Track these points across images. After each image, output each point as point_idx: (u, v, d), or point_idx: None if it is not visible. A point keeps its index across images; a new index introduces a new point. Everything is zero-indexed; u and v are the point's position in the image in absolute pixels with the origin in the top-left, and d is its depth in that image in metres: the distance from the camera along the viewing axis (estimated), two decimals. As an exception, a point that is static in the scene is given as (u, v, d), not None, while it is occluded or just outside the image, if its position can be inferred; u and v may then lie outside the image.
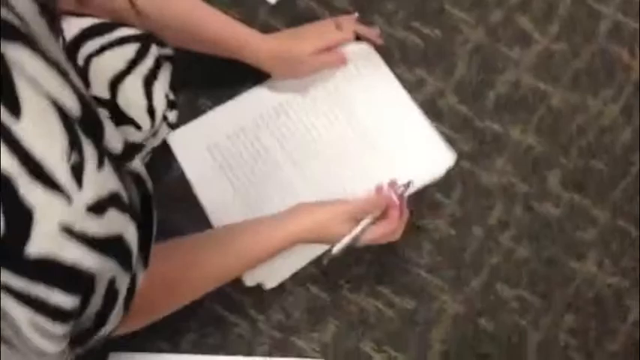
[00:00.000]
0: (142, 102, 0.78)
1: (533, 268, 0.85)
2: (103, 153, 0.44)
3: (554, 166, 0.89)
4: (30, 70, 0.40)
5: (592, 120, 0.91)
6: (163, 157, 0.86)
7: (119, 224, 0.45)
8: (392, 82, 0.89)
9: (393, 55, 0.92)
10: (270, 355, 0.80)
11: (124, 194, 0.46)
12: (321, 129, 0.87)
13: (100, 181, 0.43)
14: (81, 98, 0.43)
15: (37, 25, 0.44)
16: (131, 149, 0.51)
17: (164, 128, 0.84)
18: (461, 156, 0.86)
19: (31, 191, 0.39)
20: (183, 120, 0.85)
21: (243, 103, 0.88)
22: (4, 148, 0.38)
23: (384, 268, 0.84)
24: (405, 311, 0.82)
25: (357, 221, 0.72)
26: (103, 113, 0.47)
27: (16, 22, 0.41)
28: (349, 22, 0.88)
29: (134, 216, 0.48)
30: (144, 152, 0.82)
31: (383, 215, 0.74)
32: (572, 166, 0.89)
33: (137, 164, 0.50)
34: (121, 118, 0.78)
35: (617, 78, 0.93)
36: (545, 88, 0.92)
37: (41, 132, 0.39)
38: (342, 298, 0.82)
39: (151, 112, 0.79)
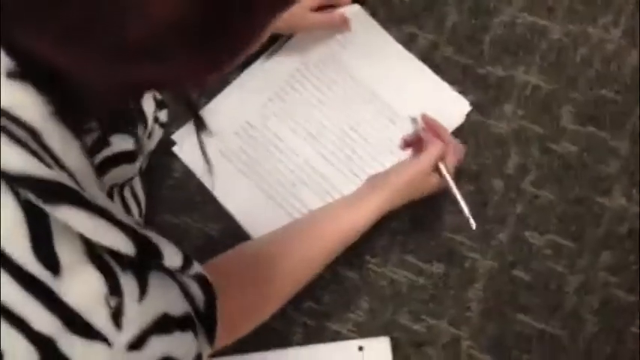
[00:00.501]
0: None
1: (560, 210, 0.82)
2: (146, 282, 0.44)
3: (564, 102, 0.86)
4: (76, 226, 0.39)
5: (595, 49, 0.88)
6: (161, 159, 0.82)
7: (166, 346, 0.46)
8: (390, 42, 0.86)
9: (378, 14, 0.88)
10: (305, 343, 0.77)
11: (174, 308, 0.47)
12: (329, 102, 0.84)
13: (143, 312, 0.44)
14: (132, 235, 0.43)
15: (84, 173, 0.43)
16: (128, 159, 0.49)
17: (157, 130, 0.80)
18: (468, 108, 0.83)
19: (70, 345, 0.40)
20: (179, 119, 0.82)
21: (239, 93, 0.85)
22: (44, 308, 0.39)
23: (407, 236, 0.81)
24: (436, 276, 0.80)
25: (436, 167, 0.73)
26: (155, 236, 0.47)
27: (65, 180, 0.40)
28: None
29: (198, 317, 0.50)
30: (142, 158, 0.79)
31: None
32: (583, 99, 0.86)
33: (197, 267, 0.51)
34: (113, 127, 0.74)
35: (615, 1, 0.89)
36: (543, 23, 0.88)
37: (81, 288, 0.40)
38: (370, 273, 0.79)
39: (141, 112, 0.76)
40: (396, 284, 0.79)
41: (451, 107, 0.84)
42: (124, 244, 0.42)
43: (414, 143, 0.77)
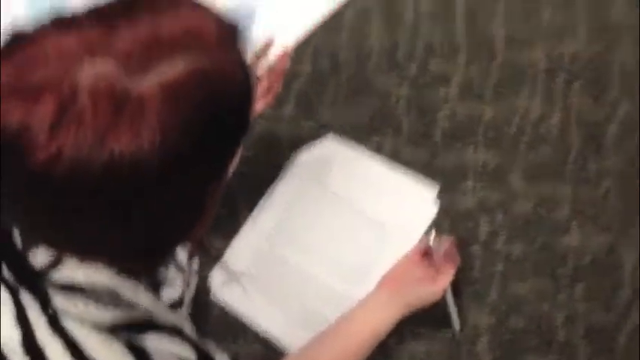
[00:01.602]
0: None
1: (533, 259, 0.98)
2: None
3: (511, 169, 1.03)
4: (162, 350, 0.57)
5: (524, 119, 1.06)
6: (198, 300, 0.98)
7: None
8: (363, 155, 1.04)
9: (347, 133, 1.06)
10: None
11: None
12: (324, 221, 1.00)
13: None
14: (195, 347, 0.61)
15: (154, 305, 0.60)
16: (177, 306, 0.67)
17: (193, 277, 0.96)
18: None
19: None
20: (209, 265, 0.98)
21: (248, 235, 1.01)
22: None
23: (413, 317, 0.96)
24: (447, 340, 0.95)
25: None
26: (212, 347, 0.66)
27: (142, 314, 0.58)
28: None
29: None
30: (186, 305, 0.94)
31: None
32: (525, 161, 1.04)
33: None
34: (155, 283, 0.90)
35: (528, 75, 1.08)
36: (477, 107, 1.07)
37: None
38: (390, 350, 0.95)
39: (177, 267, 0.92)
40: (415, 356, 0.94)
41: (422, 196, 1.01)
42: (189, 354, 0.59)
43: (426, 254, 0.91)
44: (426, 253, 0.91)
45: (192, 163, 0.51)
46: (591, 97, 1.06)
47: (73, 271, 0.56)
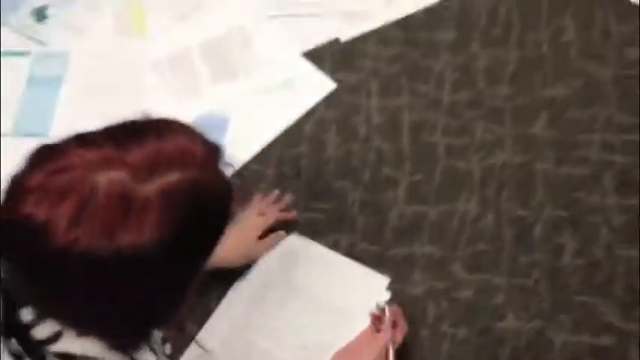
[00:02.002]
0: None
1: (474, 342, 1.10)
2: None
3: (453, 261, 1.17)
4: None
5: (463, 219, 1.21)
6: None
7: None
8: (323, 251, 1.17)
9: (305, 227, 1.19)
10: None
11: None
12: (286, 314, 1.11)
13: None
14: None
15: None
16: None
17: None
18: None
19: None
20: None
21: (218, 321, 1.11)
22: None
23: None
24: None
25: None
26: None
27: None
28: (270, 207, 1.17)
29: None
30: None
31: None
32: (466, 255, 1.18)
33: None
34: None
35: (466, 180, 1.24)
36: (423, 209, 1.22)
37: None
38: None
39: (153, 349, 1.00)
40: None
41: (375, 285, 1.13)
42: None
43: (375, 322, 1.03)
44: (376, 320, 1.02)
45: (183, 254, 0.64)
46: (519, 201, 1.22)
47: (70, 343, 0.66)
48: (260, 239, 1.15)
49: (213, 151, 0.67)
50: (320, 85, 1.33)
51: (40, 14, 1.47)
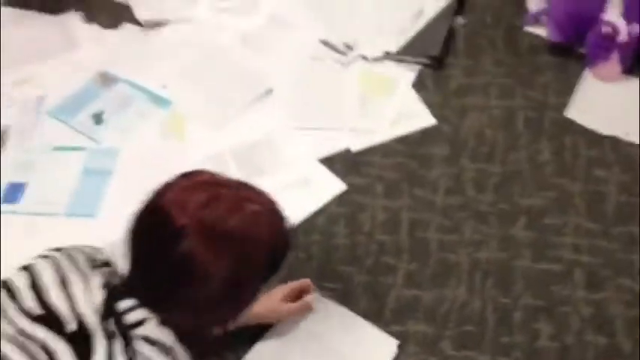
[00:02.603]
0: None
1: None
2: None
3: (443, 339, 1.34)
4: None
5: (453, 302, 1.40)
6: None
7: None
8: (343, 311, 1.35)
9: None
10: None
11: None
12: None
13: None
14: None
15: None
16: None
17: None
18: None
19: None
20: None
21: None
22: None
23: None
24: None
25: None
26: None
27: None
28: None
29: None
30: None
31: None
32: (455, 333, 1.35)
33: None
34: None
35: (454, 272, 1.44)
36: (417, 293, 1.41)
37: None
38: None
39: None
40: None
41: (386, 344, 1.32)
42: None
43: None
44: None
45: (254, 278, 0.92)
46: (501, 290, 1.41)
47: (151, 329, 0.86)
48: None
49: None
50: (332, 185, 1.56)
51: (98, 118, 1.73)
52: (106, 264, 0.96)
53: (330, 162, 1.61)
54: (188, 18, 1.93)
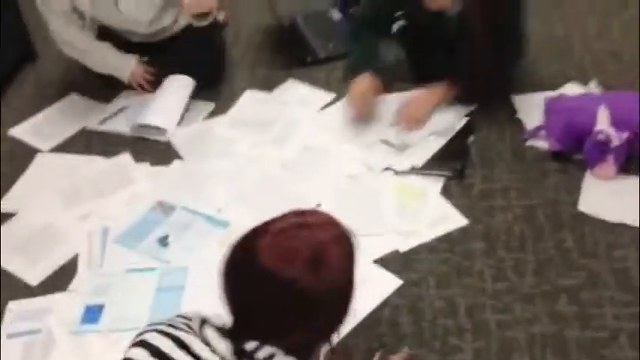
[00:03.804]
0: None
1: None
2: None
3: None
4: None
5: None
6: None
7: None
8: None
9: None
10: None
11: None
12: None
13: None
14: None
15: None
16: None
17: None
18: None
19: None
20: None
21: None
22: None
23: None
24: None
25: None
26: None
27: None
28: None
29: None
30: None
31: None
32: None
33: None
34: None
35: (514, 348, 1.59)
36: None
37: None
38: None
39: None
40: None
41: None
42: None
43: None
44: None
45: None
46: (560, 358, 1.57)
47: (265, 353, 1.00)
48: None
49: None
50: (390, 282, 1.73)
51: (163, 241, 1.89)
52: (203, 321, 1.07)
53: (383, 262, 1.79)
54: (231, 152, 2.16)
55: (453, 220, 1.90)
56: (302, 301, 1.01)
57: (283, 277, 0.99)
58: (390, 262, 1.79)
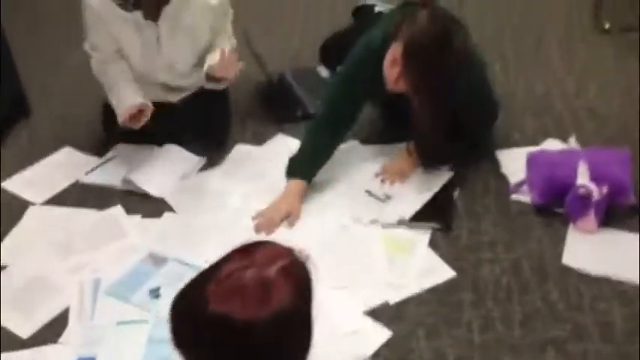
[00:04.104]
0: None
1: None
2: None
3: None
4: None
5: None
6: None
7: None
8: None
9: None
10: None
11: None
12: None
13: None
14: None
15: None
16: None
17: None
18: None
19: None
20: None
21: None
22: None
23: None
24: None
25: None
26: None
27: None
28: None
29: None
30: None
31: None
32: None
33: None
34: None
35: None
36: None
37: None
38: None
39: None
40: None
41: None
42: None
43: None
44: None
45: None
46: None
47: None
48: None
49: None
50: (380, 334, 1.76)
51: (155, 293, 1.91)
52: None
53: (373, 313, 1.82)
54: (222, 205, 2.19)
55: (441, 272, 1.94)
56: (258, 340, 1.01)
57: (237, 320, 1.00)
58: (380, 313, 1.82)
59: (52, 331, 1.83)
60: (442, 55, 1.93)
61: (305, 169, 2.19)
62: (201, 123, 2.39)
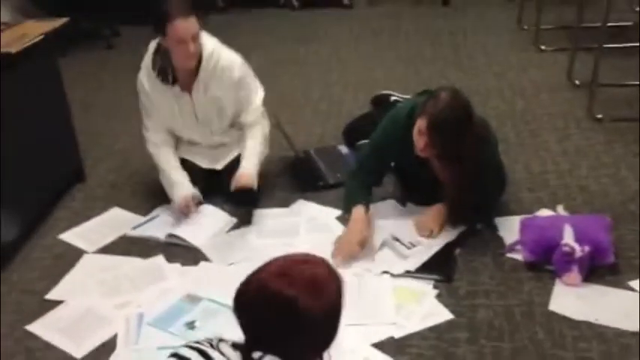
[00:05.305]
0: None
1: None
2: None
3: None
4: None
5: None
6: None
7: None
8: None
9: None
10: None
11: None
12: None
13: None
14: None
15: None
16: None
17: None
18: None
19: None
20: None
21: None
22: None
23: None
24: None
25: None
26: None
27: None
28: None
29: None
30: None
31: None
32: None
33: None
34: None
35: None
36: None
37: None
38: None
39: None
40: None
41: None
42: None
43: None
44: None
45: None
46: None
47: None
48: None
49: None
50: (387, 363, 2.01)
51: (191, 325, 2.19)
52: (220, 340, 1.38)
53: (379, 346, 2.08)
54: (252, 256, 2.51)
55: (441, 315, 2.20)
56: (299, 319, 1.30)
57: (285, 297, 1.30)
58: (385, 346, 2.08)
59: (102, 353, 2.11)
60: (464, 126, 2.30)
61: (360, 196, 2.57)
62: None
